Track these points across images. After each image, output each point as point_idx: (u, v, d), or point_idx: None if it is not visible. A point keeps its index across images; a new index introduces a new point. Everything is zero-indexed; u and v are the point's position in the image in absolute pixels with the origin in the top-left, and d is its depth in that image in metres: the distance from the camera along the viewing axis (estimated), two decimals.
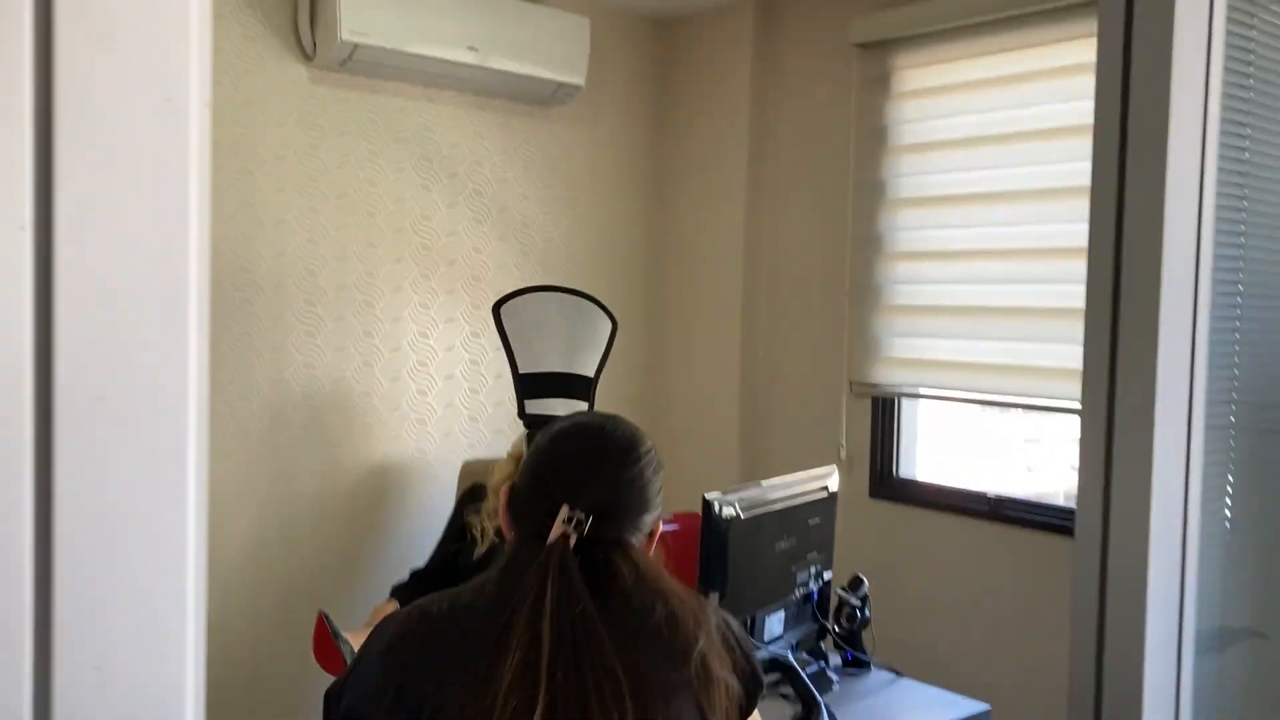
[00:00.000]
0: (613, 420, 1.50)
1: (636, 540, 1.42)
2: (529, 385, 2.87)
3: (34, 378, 0.45)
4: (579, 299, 2.88)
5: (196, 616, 0.52)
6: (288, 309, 3.43)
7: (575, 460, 1.43)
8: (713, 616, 1.39)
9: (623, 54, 4.17)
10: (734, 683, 1.35)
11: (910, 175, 3.49)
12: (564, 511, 1.35)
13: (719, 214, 4.07)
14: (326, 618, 2.55)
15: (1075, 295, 2.97)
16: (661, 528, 1.51)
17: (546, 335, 2.81)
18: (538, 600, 1.28)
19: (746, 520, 2.20)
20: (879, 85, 3.57)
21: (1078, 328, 2.94)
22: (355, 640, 2.46)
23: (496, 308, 2.92)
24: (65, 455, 0.46)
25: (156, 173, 0.46)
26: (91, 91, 0.45)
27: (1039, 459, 3.59)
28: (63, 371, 0.45)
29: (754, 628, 2.28)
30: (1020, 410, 3.47)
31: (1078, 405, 2.95)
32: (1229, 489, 1.24)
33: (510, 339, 2.80)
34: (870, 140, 3.59)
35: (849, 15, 3.62)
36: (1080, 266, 2.93)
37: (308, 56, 3.44)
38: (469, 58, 3.50)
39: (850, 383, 3.66)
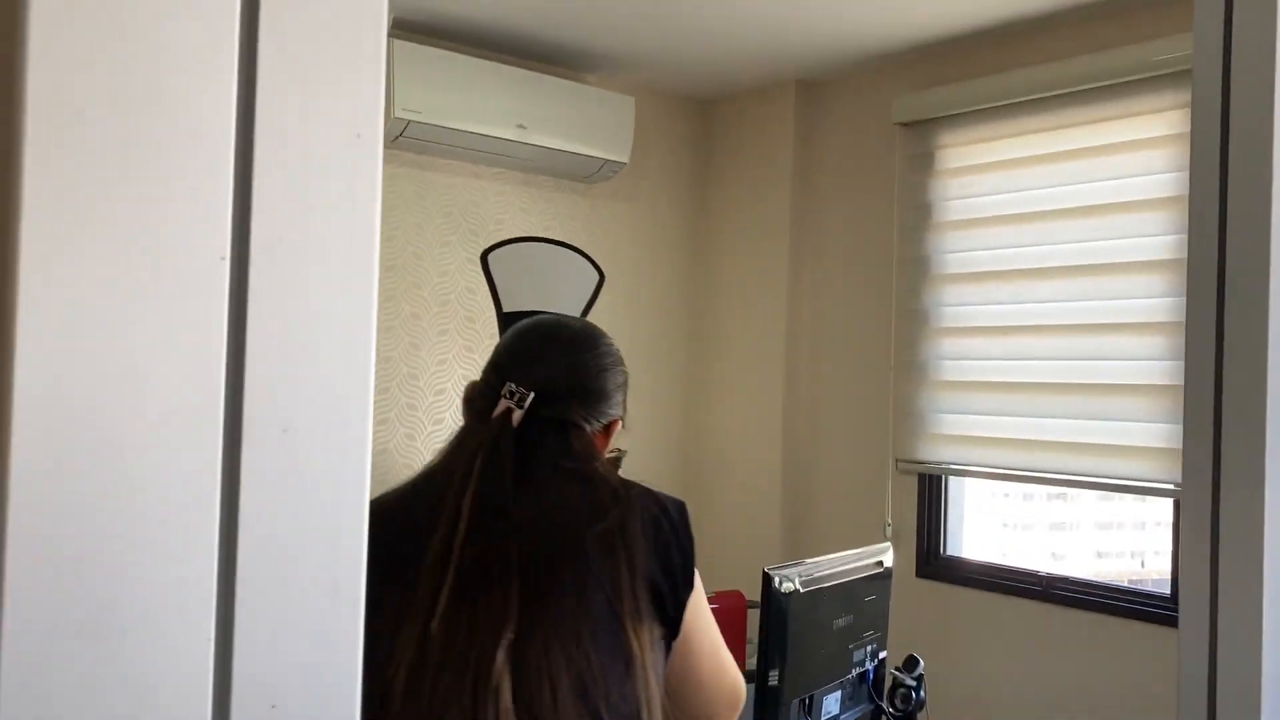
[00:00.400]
0: (575, 318, 1.51)
1: (589, 429, 1.38)
2: (510, 324, 2.86)
3: (225, 404, 0.44)
4: (567, 250, 2.87)
5: (356, 652, 0.51)
6: None
7: (526, 342, 1.42)
8: (642, 505, 1.30)
9: (666, 133, 4.23)
10: (653, 574, 1.24)
11: (955, 251, 3.50)
12: (507, 387, 1.33)
13: (760, 290, 4.08)
14: None
15: (1123, 370, 2.97)
16: (620, 427, 1.48)
17: (532, 282, 2.80)
18: (465, 476, 1.25)
19: (805, 595, 2.16)
20: (922, 162, 3.60)
21: (1127, 403, 2.94)
22: None
23: (485, 255, 2.91)
24: (250, 483, 0.45)
25: (348, 206, 0.47)
26: (288, 126, 0.46)
27: (1093, 538, 3.54)
28: (251, 398, 0.45)
29: (811, 708, 2.22)
30: (1070, 488, 3.42)
31: (1128, 481, 2.92)
32: None
33: (496, 284, 2.79)
34: (914, 216, 3.61)
35: (891, 95, 3.66)
36: (1129, 342, 2.93)
37: None
38: (517, 135, 3.56)
39: (896, 460, 3.63)
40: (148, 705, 0.42)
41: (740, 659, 2.73)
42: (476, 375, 1.58)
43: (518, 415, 1.30)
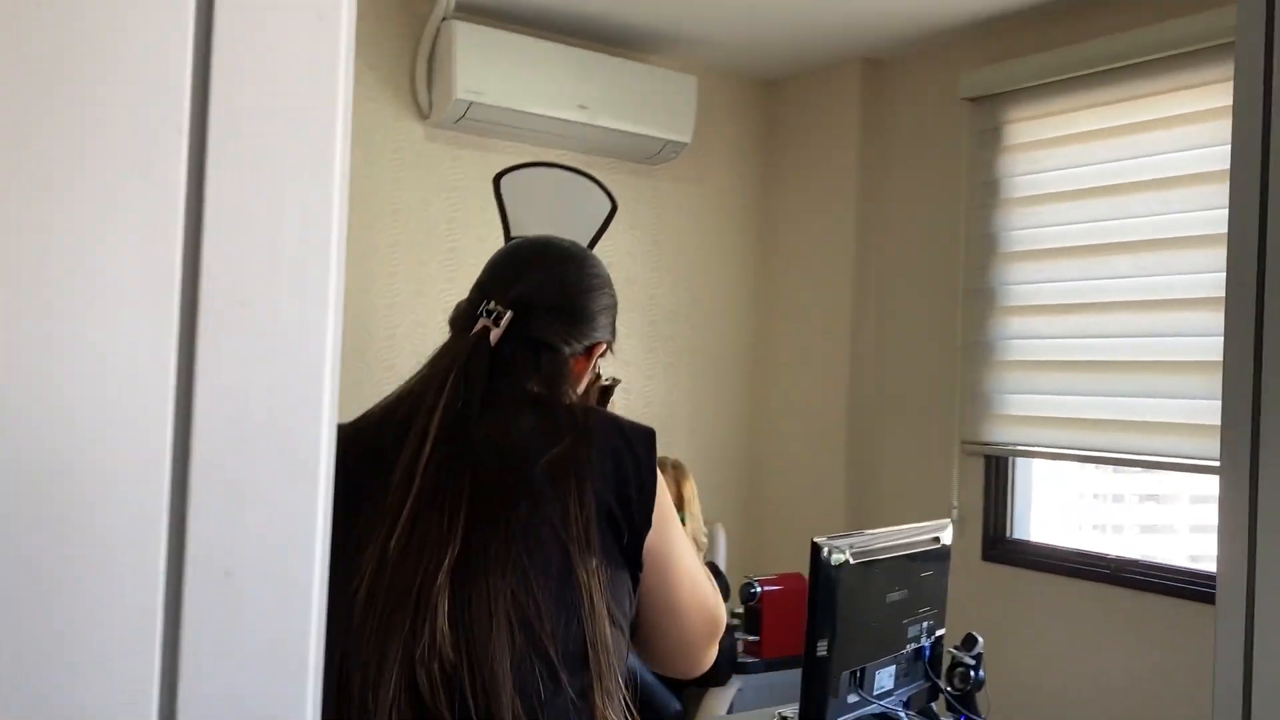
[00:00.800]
0: (565, 239, 1.45)
1: (568, 351, 1.34)
2: None
3: (181, 277, 0.45)
4: (581, 178, 2.85)
5: (315, 523, 0.51)
6: (398, 359, 3.49)
7: (510, 260, 1.39)
8: (602, 435, 1.23)
9: (729, 113, 4.21)
10: (609, 506, 1.19)
11: (1023, 228, 3.43)
12: (484, 305, 1.30)
13: (826, 269, 4.04)
14: None
15: (1195, 348, 2.88)
16: (607, 353, 1.41)
17: (543, 209, 2.78)
18: (436, 395, 1.23)
19: (856, 567, 2.14)
20: (989, 138, 3.53)
21: (1198, 381, 2.85)
22: None
23: (497, 179, 2.91)
24: (207, 355, 0.46)
25: (309, 87, 0.47)
26: (247, 2, 0.46)
27: (1159, 518, 3.44)
28: (208, 272, 0.46)
29: (863, 681, 2.20)
30: (1140, 469, 3.33)
31: (1202, 461, 2.83)
32: None
33: (507, 210, 2.77)
34: (981, 193, 3.54)
35: (957, 70, 3.59)
36: (1201, 318, 2.84)
37: (423, 115, 3.55)
38: (579, 116, 3.57)
39: (962, 441, 3.57)
40: (101, 569, 0.43)
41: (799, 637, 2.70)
42: None
43: (495, 334, 1.28)
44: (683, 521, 3.10)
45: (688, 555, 1.31)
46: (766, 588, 3.35)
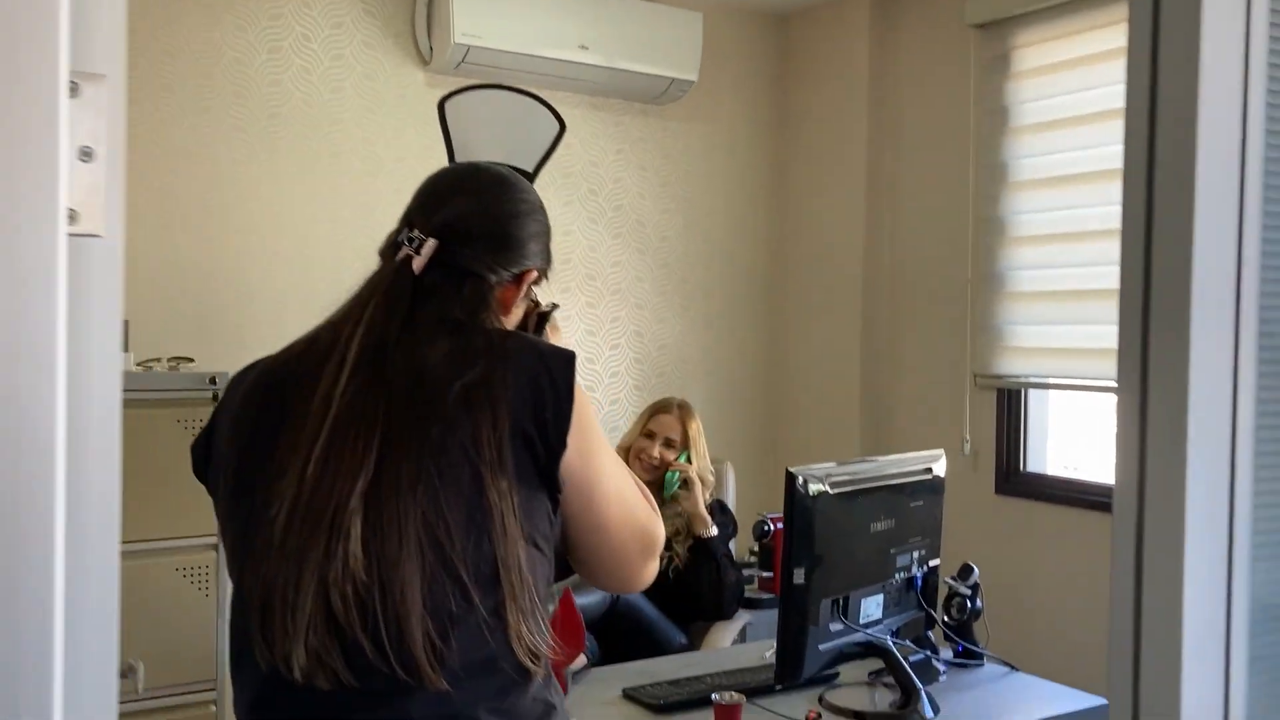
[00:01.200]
0: (494, 164, 1.42)
1: (495, 278, 1.31)
2: None
3: None
4: (526, 99, 2.82)
5: None
6: None
7: (434, 187, 1.37)
8: (518, 358, 1.21)
9: (736, 48, 4.15)
10: (525, 430, 1.18)
11: (1033, 155, 3.35)
12: (404, 233, 1.29)
13: (838, 203, 3.99)
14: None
15: None
16: (539, 279, 1.38)
17: (489, 133, 2.76)
18: (356, 321, 1.23)
19: (835, 497, 2.13)
20: (998, 65, 3.44)
21: None
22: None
23: (441, 104, 2.89)
24: None
25: None
26: None
27: None
28: None
29: (847, 609, 2.20)
30: None
31: None
32: None
33: (452, 136, 2.76)
34: (991, 121, 3.47)
35: None
36: None
37: (424, 61, 3.55)
38: (581, 56, 3.55)
39: (974, 375, 3.53)
40: None
41: None
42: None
43: (418, 262, 1.27)
44: (687, 460, 3.11)
45: (614, 475, 1.30)
46: (779, 525, 3.35)
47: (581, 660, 2.48)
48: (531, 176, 3.02)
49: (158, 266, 3.18)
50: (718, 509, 3.15)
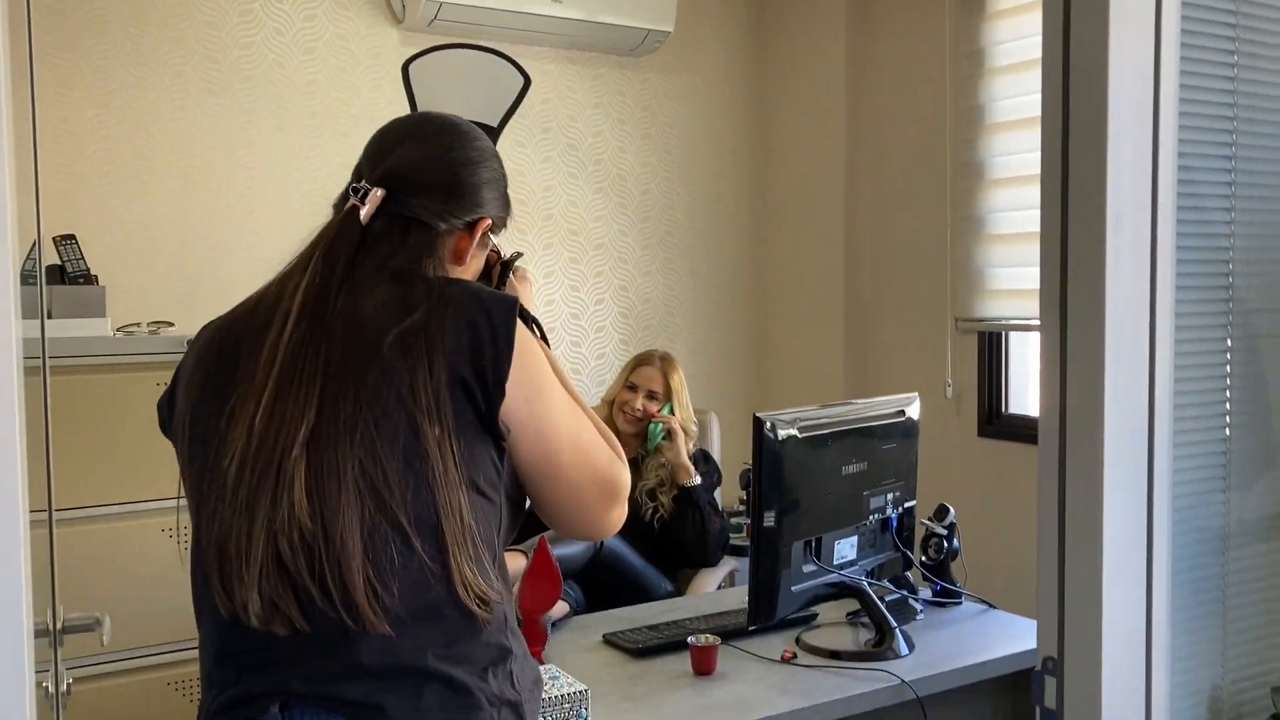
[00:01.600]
0: (443, 113, 1.40)
1: (444, 226, 1.31)
2: None
3: None
4: (490, 55, 2.80)
5: None
6: None
7: (383, 137, 1.36)
8: (458, 305, 1.21)
9: None
10: (464, 377, 1.18)
11: (1010, 97, 3.34)
12: (351, 184, 1.30)
13: (818, 151, 3.99)
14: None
15: None
16: (492, 227, 1.38)
17: (453, 92, 2.74)
18: (301, 272, 1.25)
19: (804, 441, 2.16)
20: (973, 6, 3.42)
21: None
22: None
23: (405, 67, 2.87)
24: None
25: None
26: None
27: None
28: None
29: (820, 551, 2.23)
30: None
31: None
32: (1227, 403, 1.15)
33: (416, 97, 2.75)
34: (967, 64, 3.45)
35: None
36: None
37: (397, 20, 3.53)
38: (555, 10, 3.53)
39: (955, 319, 3.54)
40: None
41: None
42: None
43: (364, 212, 1.27)
44: (671, 412, 3.13)
45: (566, 422, 1.29)
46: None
47: (563, 608, 2.52)
48: (496, 132, 3.02)
49: (137, 232, 3.19)
50: (702, 459, 3.18)
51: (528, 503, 1.34)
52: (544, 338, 1.54)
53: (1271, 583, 1.19)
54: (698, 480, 3.06)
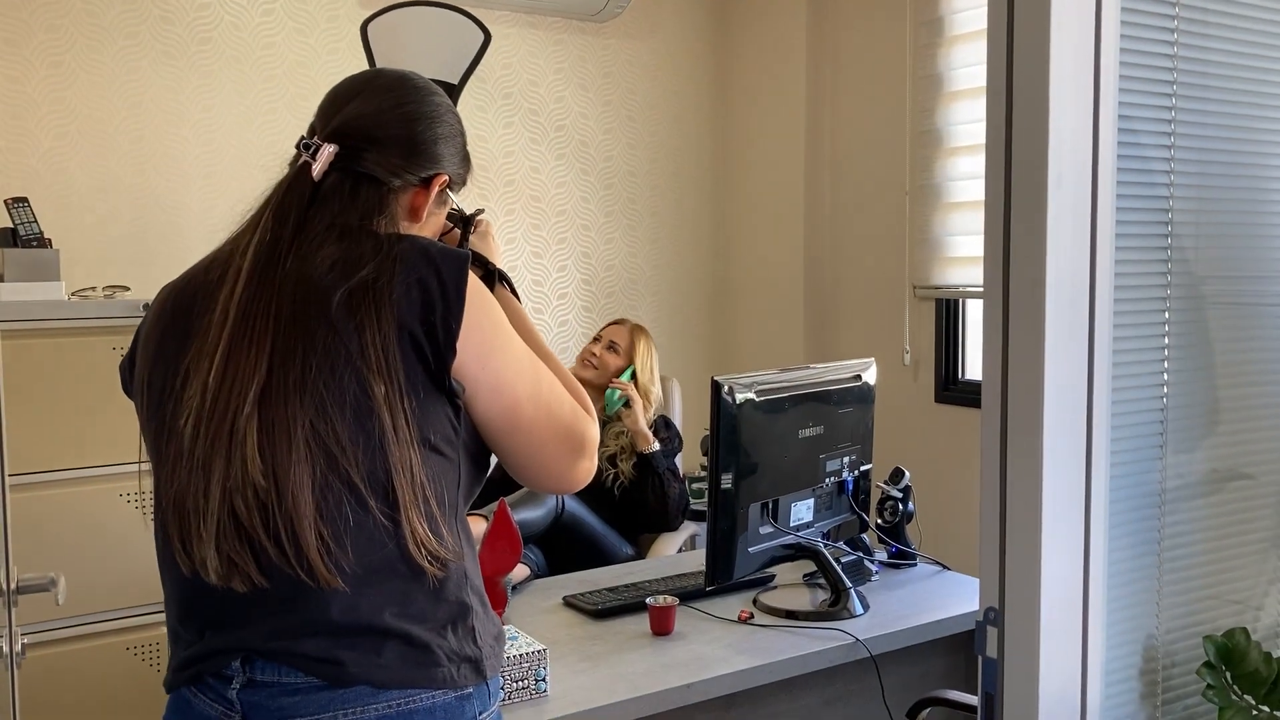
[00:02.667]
0: (399, 70, 1.39)
1: (398, 182, 1.30)
2: None
3: None
4: (449, 12, 2.74)
5: None
6: None
7: (337, 94, 1.35)
8: (407, 262, 1.20)
9: None
10: (414, 334, 1.18)
11: (969, 66, 3.36)
12: (302, 140, 1.29)
13: (779, 118, 4.00)
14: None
15: None
16: (451, 184, 1.37)
17: (414, 50, 2.69)
18: (252, 230, 1.25)
19: (761, 404, 2.18)
20: None
21: None
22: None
23: (364, 26, 2.82)
24: None
25: None
26: None
27: None
28: None
29: (777, 513, 2.26)
30: None
31: None
32: (1165, 363, 1.18)
33: (375, 58, 2.69)
34: (926, 32, 3.47)
35: None
36: None
37: None
38: None
39: (913, 286, 3.58)
40: None
41: None
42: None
43: (316, 168, 1.26)
44: (632, 378, 3.16)
45: (525, 377, 1.28)
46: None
47: (523, 571, 2.54)
48: (457, 90, 3.00)
49: (91, 195, 3.15)
50: (662, 425, 3.21)
51: (493, 459, 1.34)
52: (513, 292, 1.54)
53: (1206, 537, 1.23)
54: (656, 447, 3.09)
